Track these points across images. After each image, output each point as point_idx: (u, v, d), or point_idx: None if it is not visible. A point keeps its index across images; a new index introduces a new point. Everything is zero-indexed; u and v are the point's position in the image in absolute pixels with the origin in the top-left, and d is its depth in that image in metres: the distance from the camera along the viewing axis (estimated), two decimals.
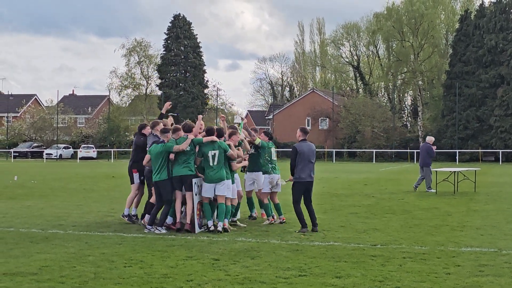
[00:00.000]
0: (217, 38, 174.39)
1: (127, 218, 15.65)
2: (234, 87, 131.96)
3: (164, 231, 14.12)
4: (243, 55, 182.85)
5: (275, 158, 15.98)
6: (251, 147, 15.63)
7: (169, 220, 14.37)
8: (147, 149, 15.02)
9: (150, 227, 14.33)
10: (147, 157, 14.73)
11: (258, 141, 15.50)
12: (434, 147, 26.69)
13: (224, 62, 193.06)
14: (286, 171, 15.75)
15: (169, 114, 16.61)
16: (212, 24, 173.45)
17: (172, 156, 14.22)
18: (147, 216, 14.85)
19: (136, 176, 15.81)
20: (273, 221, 15.54)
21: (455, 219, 16.71)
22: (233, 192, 14.92)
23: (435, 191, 24.98)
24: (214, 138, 14.30)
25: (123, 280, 9.29)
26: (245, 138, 15.67)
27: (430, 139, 27.22)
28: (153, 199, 15.06)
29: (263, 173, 15.62)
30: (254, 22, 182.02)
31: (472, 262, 10.76)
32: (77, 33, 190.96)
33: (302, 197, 14.57)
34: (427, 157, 26.34)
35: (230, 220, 14.93)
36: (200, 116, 15.76)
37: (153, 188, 14.87)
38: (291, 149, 14.86)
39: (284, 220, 15.71)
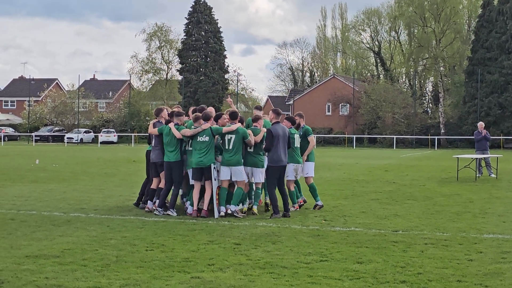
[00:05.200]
0: (231, 23, 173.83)
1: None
2: (251, 72, 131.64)
3: (175, 214, 14.20)
4: (257, 40, 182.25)
5: (298, 145, 15.39)
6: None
7: (189, 209, 14.39)
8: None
9: (161, 209, 14.41)
10: (154, 130, 14.87)
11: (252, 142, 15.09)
12: (482, 132, 26.80)
13: (239, 47, 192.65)
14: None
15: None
16: (226, 8, 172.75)
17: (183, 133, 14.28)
18: (149, 203, 15.01)
19: None
20: (297, 208, 15.40)
21: (477, 205, 16.62)
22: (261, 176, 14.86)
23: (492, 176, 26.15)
24: (233, 128, 14.22)
25: (145, 264, 9.32)
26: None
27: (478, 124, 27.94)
28: (154, 185, 15.15)
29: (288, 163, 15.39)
30: (268, 6, 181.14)
31: (494, 249, 10.70)
32: (91, 17, 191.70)
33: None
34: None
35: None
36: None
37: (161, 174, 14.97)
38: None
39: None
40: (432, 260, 9.75)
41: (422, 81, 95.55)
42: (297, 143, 15.36)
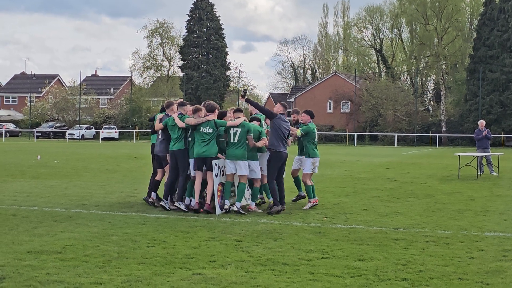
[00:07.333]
0: (230, 20, 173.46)
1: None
2: (250, 69, 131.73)
3: (183, 207, 14.19)
4: (256, 37, 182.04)
5: (316, 139, 15.73)
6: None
7: (192, 202, 14.38)
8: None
9: (167, 201, 14.41)
10: (160, 124, 14.86)
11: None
12: (483, 131, 26.74)
13: (238, 44, 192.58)
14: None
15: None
16: (224, 5, 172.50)
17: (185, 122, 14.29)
18: (153, 194, 15.14)
19: None
20: (315, 203, 15.40)
21: (478, 203, 16.62)
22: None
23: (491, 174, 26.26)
24: (237, 122, 14.26)
25: (147, 260, 9.33)
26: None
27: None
28: (159, 177, 15.20)
29: (307, 156, 15.47)
30: (267, 3, 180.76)
31: (495, 247, 10.71)
32: (89, 13, 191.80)
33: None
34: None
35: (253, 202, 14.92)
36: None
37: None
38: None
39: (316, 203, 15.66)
40: (433, 258, 9.76)
41: (423, 78, 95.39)
42: (316, 137, 15.63)
